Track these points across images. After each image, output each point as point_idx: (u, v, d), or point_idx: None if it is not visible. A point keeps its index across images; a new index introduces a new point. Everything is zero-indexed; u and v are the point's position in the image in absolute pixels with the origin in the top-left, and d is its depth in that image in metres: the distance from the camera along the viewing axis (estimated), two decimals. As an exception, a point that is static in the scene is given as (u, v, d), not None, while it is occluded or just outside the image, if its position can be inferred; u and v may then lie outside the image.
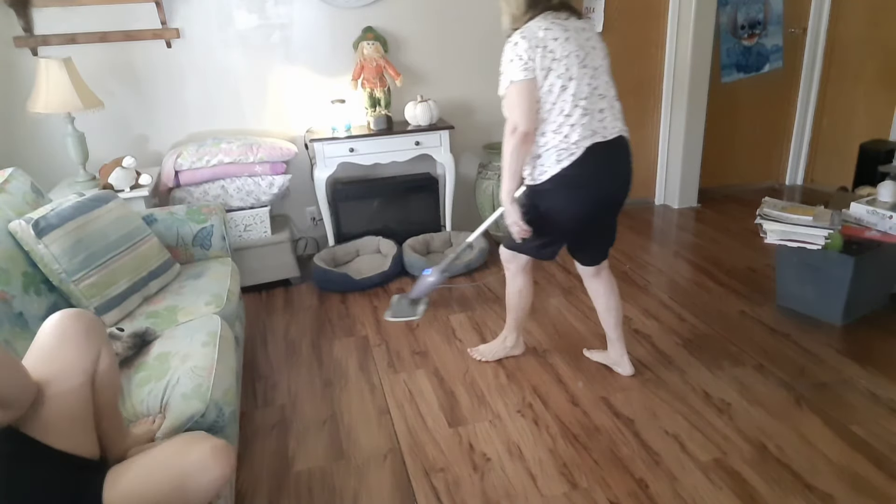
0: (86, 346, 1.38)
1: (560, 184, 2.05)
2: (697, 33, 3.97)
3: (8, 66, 3.10)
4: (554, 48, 1.96)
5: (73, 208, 2.15)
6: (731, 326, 2.79)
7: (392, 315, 2.78)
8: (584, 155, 2.01)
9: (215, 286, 2.35)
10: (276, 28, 3.43)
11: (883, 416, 2.15)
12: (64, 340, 1.37)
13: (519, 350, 2.62)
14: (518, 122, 1.97)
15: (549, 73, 1.97)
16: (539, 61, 1.95)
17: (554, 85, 1.98)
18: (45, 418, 1.28)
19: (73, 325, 1.39)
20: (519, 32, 1.98)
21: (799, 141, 4.70)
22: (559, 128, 2.00)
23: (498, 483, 1.94)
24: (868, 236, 2.64)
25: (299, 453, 2.13)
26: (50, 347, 1.37)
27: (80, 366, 1.36)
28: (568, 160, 2.01)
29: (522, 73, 1.95)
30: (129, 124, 3.36)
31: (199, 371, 1.76)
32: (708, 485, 1.88)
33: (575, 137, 2.00)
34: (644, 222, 4.20)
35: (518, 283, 2.46)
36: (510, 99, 1.99)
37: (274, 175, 3.22)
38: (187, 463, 1.30)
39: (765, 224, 2.74)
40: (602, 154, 2.05)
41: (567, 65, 1.97)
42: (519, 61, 1.95)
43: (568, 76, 1.98)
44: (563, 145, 2.01)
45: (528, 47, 1.94)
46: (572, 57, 1.98)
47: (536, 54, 1.95)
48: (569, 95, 1.98)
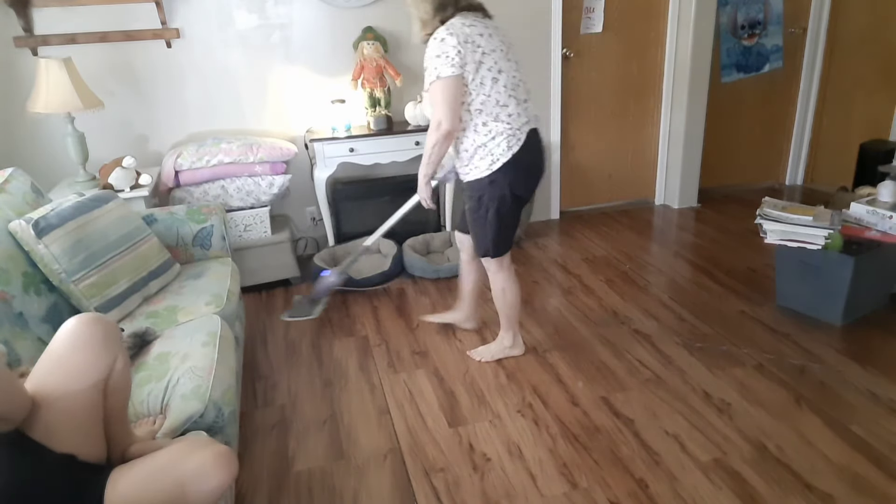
0: (102, 352, 1.37)
1: (513, 168, 2.17)
2: (697, 33, 3.97)
3: (8, 66, 3.11)
4: (481, 43, 2.07)
5: (73, 208, 2.15)
6: (731, 326, 2.79)
7: (289, 315, 2.87)
8: (527, 139, 2.18)
9: (215, 286, 2.35)
10: (276, 28, 3.43)
11: (883, 416, 2.15)
12: (80, 346, 1.36)
13: (518, 350, 2.61)
14: (442, 118, 2.06)
15: (481, 67, 2.07)
16: (469, 56, 2.04)
17: (485, 77, 2.08)
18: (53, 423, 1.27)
19: (91, 331, 1.38)
20: (445, 29, 2.05)
21: (799, 141, 4.71)
22: (497, 116, 2.13)
23: (498, 483, 1.94)
24: (868, 236, 2.64)
25: (299, 453, 2.13)
26: (65, 352, 1.36)
27: (94, 372, 1.35)
28: (517, 145, 2.16)
29: (450, 69, 2.02)
30: (129, 124, 3.36)
31: (198, 371, 1.76)
32: (708, 485, 1.88)
33: (517, 124, 2.16)
34: (644, 222, 4.20)
35: (500, 282, 2.44)
36: (436, 95, 2.06)
37: (274, 175, 3.22)
38: (188, 469, 1.29)
39: (765, 224, 2.74)
40: (534, 139, 2.24)
41: (495, 58, 2.10)
42: (447, 57, 2.02)
43: (498, 69, 2.10)
44: (509, 132, 2.14)
45: (457, 43, 2.02)
46: (499, 51, 2.11)
47: (467, 49, 2.03)
48: (501, 87, 2.11)
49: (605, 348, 2.66)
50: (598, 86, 4.16)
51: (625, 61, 4.16)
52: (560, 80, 3.98)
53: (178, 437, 1.58)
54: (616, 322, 2.88)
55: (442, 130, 2.08)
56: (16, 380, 1.27)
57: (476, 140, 2.16)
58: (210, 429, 1.66)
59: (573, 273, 3.43)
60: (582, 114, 4.17)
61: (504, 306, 2.49)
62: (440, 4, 2.10)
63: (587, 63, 4.08)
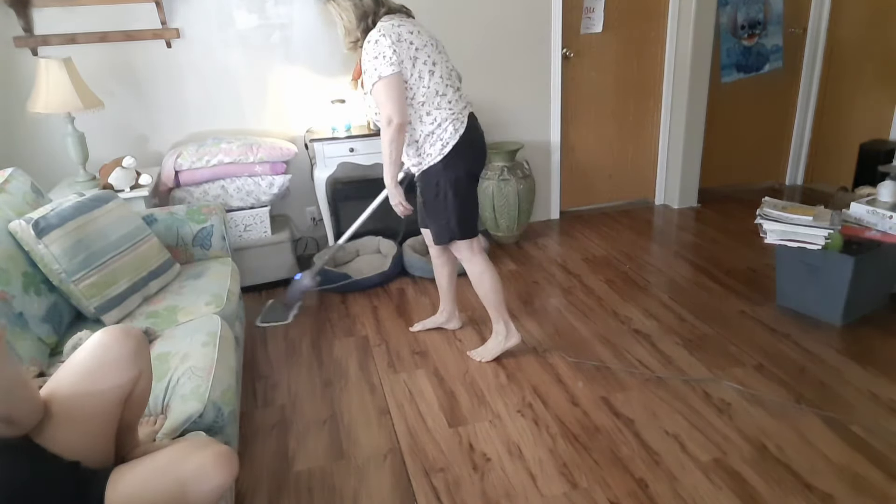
0: (130, 368, 1.37)
1: (464, 148, 2.28)
2: (697, 33, 3.97)
3: (8, 66, 3.11)
4: (413, 40, 2.18)
5: (73, 208, 2.15)
6: (731, 326, 2.79)
7: (262, 320, 2.89)
8: (469, 122, 2.30)
9: (215, 286, 2.35)
10: (276, 28, 3.43)
11: (883, 416, 2.15)
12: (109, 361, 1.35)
13: (514, 339, 2.58)
14: (392, 114, 2.16)
15: (416, 62, 2.18)
16: (405, 52, 2.15)
17: (422, 71, 2.20)
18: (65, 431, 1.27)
19: (121, 347, 1.37)
20: (377, 31, 2.15)
21: (799, 141, 4.71)
22: (440, 104, 2.24)
23: (498, 483, 1.94)
24: (868, 236, 2.64)
25: (299, 453, 2.13)
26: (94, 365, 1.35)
27: (119, 389, 1.34)
28: (462, 127, 2.28)
29: (390, 68, 2.12)
30: (129, 124, 3.36)
31: (197, 371, 1.76)
32: (708, 485, 1.88)
33: (457, 109, 2.28)
34: (644, 222, 4.20)
35: (475, 267, 2.47)
36: (381, 94, 2.16)
37: (274, 175, 3.22)
38: (188, 469, 1.29)
39: (765, 224, 2.74)
40: (475, 121, 2.35)
41: (428, 52, 2.21)
42: (384, 58, 2.12)
43: (432, 62, 2.22)
44: (453, 116, 2.26)
45: (391, 42, 2.13)
46: (430, 46, 2.22)
47: (401, 48, 2.14)
48: (437, 77, 2.23)
49: (605, 348, 2.66)
50: (598, 86, 4.16)
51: (625, 61, 4.16)
52: (560, 80, 3.98)
53: (179, 438, 1.58)
54: (616, 322, 2.88)
55: (394, 125, 2.16)
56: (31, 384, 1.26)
57: (423, 130, 2.27)
58: (210, 429, 1.66)
59: (573, 273, 3.43)
60: (582, 114, 4.17)
61: (486, 292, 2.49)
62: (362, 13, 2.20)
63: (587, 63, 4.08)
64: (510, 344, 2.58)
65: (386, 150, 2.24)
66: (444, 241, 2.44)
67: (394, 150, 2.23)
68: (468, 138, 2.30)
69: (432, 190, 2.35)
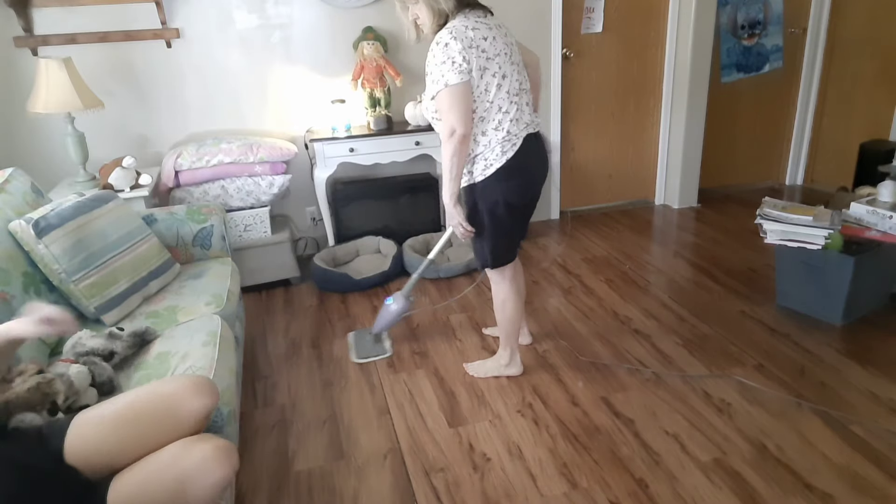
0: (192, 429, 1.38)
1: (507, 174, 2.07)
2: (697, 33, 3.97)
3: (8, 66, 3.10)
4: (486, 47, 1.96)
5: (73, 208, 2.15)
6: (731, 326, 2.79)
7: (359, 356, 2.66)
8: (522, 145, 2.07)
9: (215, 286, 2.35)
10: (276, 28, 3.43)
11: (883, 416, 2.15)
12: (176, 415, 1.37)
13: (514, 370, 2.46)
14: (456, 125, 1.95)
15: (485, 73, 1.97)
16: (475, 62, 1.94)
17: (490, 84, 1.99)
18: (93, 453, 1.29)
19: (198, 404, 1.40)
20: (448, 33, 1.93)
21: (799, 141, 4.71)
22: (500, 124, 2.03)
23: (498, 483, 1.94)
24: (868, 236, 2.64)
25: (299, 453, 2.13)
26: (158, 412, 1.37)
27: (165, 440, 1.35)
28: (512, 150, 2.05)
29: (458, 76, 1.92)
30: (129, 124, 3.36)
31: (197, 371, 1.76)
32: (708, 485, 1.88)
33: (515, 130, 2.05)
34: (644, 222, 4.20)
35: (501, 294, 2.34)
36: (445, 102, 1.96)
37: (274, 175, 3.22)
38: (188, 465, 1.29)
39: (765, 224, 2.74)
40: (532, 144, 2.11)
41: (500, 63, 1.99)
42: (452, 64, 1.92)
43: (502, 74, 2.00)
44: (506, 138, 2.04)
45: (462, 48, 1.91)
46: (503, 55, 2.01)
47: (472, 55, 1.93)
48: (504, 93, 2.02)
49: (605, 348, 2.66)
50: (598, 86, 4.16)
51: (625, 61, 4.16)
52: (560, 80, 3.98)
53: None
54: (616, 322, 2.88)
55: (457, 136, 1.96)
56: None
57: (474, 150, 2.07)
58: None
59: (573, 273, 3.43)
60: (582, 114, 4.17)
61: (504, 320, 2.38)
62: (438, 10, 1.99)
63: (587, 63, 4.08)
64: (509, 373, 2.47)
65: (447, 163, 2.01)
66: (478, 265, 2.33)
67: (455, 163, 2.00)
68: (516, 164, 2.06)
69: (470, 210, 2.16)
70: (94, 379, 1.68)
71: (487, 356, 2.60)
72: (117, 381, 1.77)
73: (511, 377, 2.47)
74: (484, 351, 2.68)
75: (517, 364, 2.47)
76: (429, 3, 1.99)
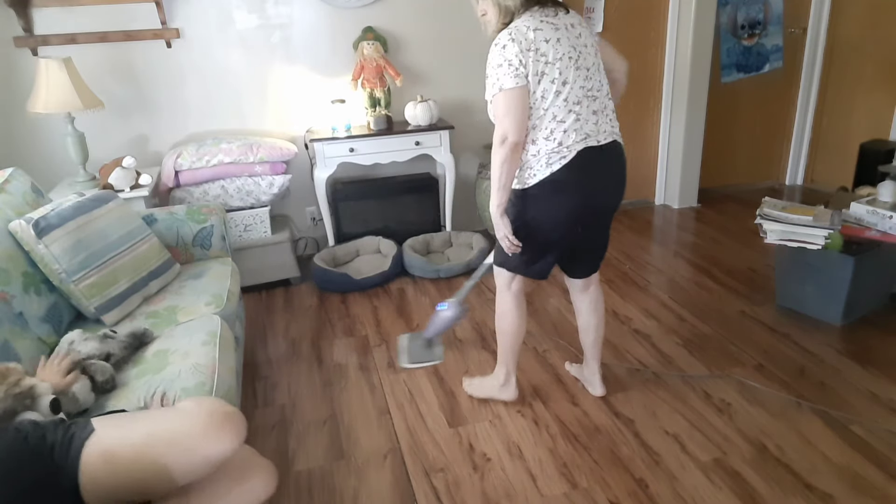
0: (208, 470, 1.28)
1: (548, 188, 1.90)
2: (697, 33, 3.97)
3: (8, 66, 3.10)
4: (546, 51, 1.80)
5: (73, 208, 2.15)
6: (731, 326, 2.79)
7: (410, 361, 2.57)
8: (575, 158, 1.88)
9: (215, 286, 2.35)
10: (276, 28, 3.43)
11: (883, 416, 2.15)
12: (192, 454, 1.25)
13: (508, 395, 2.30)
14: (508, 131, 1.82)
15: (543, 78, 1.82)
16: (532, 66, 1.79)
17: (548, 90, 1.83)
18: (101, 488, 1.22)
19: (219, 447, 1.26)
20: (507, 34, 1.81)
21: (799, 141, 4.71)
22: (551, 134, 1.87)
23: (498, 483, 1.94)
24: (868, 236, 2.64)
25: (299, 453, 2.13)
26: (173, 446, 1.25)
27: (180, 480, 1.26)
28: (559, 163, 1.88)
29: (514, 80, 1.79)
30: (129, 124, 3.36)
31: (200, 368, 1.76)
32: (708, 485, 1.88)
33: (568, 142, 1.87)
34: (644, 222, 4.20)
35: (502, 304, 2.19)
36: (500, 107, 1.83)
37: (274, 175, 3.22)
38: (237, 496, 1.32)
39: (765, 224, 2.74)
40: (593, 158, 1.91)
41: (561, 68, 1.82)
42: (509, 67, 1.79)
43: (562, 80, 1.83)
44: (555, 149, 1.87)
45: (519, 51, 1.78)
46: (566, 59, 1.83)
47: (528, 58, 1.79)
48: (562, 101, 1.85)
49: (605, 348, 2.65)
50: (598, 86, 4.15)
51: (625, 61, 4.16)
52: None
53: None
54: (616, 322, 2.88)
55: (508, 143, 1.82)
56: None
57: (522, 158, 1.92)
58: None
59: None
60: (582, 114, 4.17)
61: (500, 333, 2.23)
62: (505, 9, 1.86)
63: (587, 63, 4.08)
64: (502, 397, 2.31)
65: (496, 171, 1.87)
66: (496, 260, 2.16)
67: (504, 172, 1.86)
68: (563, 179, 1.88)
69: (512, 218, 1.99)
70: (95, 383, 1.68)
71: (488, 356, 2.60)
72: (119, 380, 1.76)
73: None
74: (484, 351, 2.68)
75: (512, 388, 2.30)
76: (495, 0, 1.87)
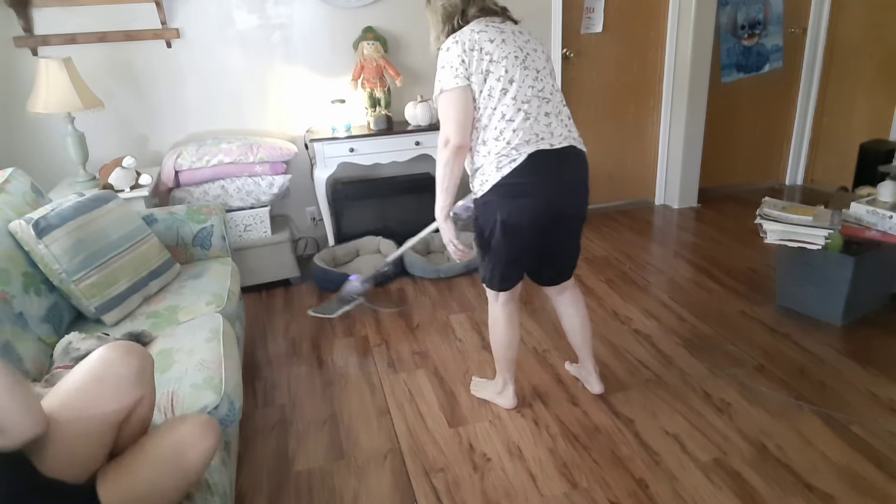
0: (129, 390, 1.31)
1: (503, 193, 1.86)
2: (697, 33, 3.97)
3: (8, 66, 3.10)
4: (491, 50, 1.82)
5: (73, 208, 2.15)
6: (731, 326, 2.79)
7: (314, 311, 3.06)
8: (525, 161, 1.83)
9: (215, 286, 2.35)
10: (275, 28, 3.43)
11: (883, 416, 2.15)
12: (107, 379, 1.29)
13: (505, 401, 2.27)
14: (450, 133, 1.83)
15: (489, 76, 1.82)
16: (475, 65, 1.81)
17: (494, 88, 1.82)
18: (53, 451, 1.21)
19: (122, 365, 1.31)
20: (452, 38, 1.85)
21: (799, 141, 4.71)
22: (501, 134, 1.84)
23: (498, 483, 1.94)
24: (868, 236, 2.64)
25: (299, 453, 2.13)
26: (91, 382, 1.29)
27: (113, 411, 1.29)
28: (508, 167, 1.84)
29: (454, 81, 1.81)
30: (129, 124, 3.36)
31: (207, 364, 1.76)
32: (708, 485, 1.88)
33: (516, 142, 1.83)
34: (644, 222, 4.20)
35: (491, 315, 2.16)
36: (441, 108, 1.85)
37: (274, 175, 3.22)
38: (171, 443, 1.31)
39: (765, 224, 2.74)
40: (546, 162, 1.86)
41: (507, 66, 1.82)
42: (451, 68, 1.81)
43: (508, 78, 1.83)
44: (504, 151, 1.84)
45: (462, 51, 1.81)
46: (511, 58, 1.83)
47: (472, 58, 1.81)
48: (510, 98, 1.83)
49: (605, 348, 2.66)
50: (598, 86, 4.16)
51: (625, 61, 4.16)
52: (560, 81, 3.98)
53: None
54: (616, 322, 2.88)
55: (451, 146, 1.83)
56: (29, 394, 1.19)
57: (476, 161, 1.92)
58: (221, 423, 1.66)
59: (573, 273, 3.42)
60: (582, 114, 4.17)
61: (493, 343, 2.21)
62: (448, 14, 1.90)
63: (587, 63, 4.08)
64: (500, 403, 2.30)
65: (439, 174, 1.89)
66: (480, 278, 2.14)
67: (447, 175, 1.86)
68: (516, 183, 1.84)
69: (475, 223, 2.01)
70: None
71: (488, 356, 2.60)
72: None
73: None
74: (484, 351, 2.68)
75: (509, 396, 2.27)
76: (434, 7, 1.93)
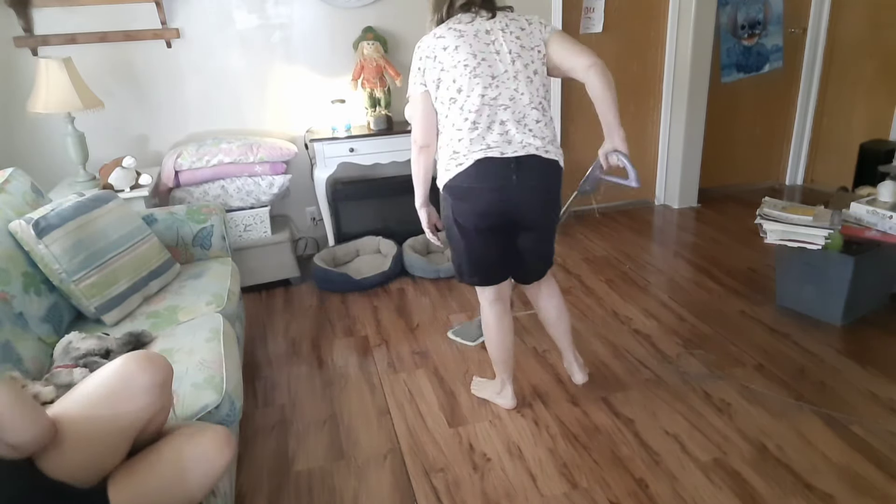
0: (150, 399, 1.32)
1: (453, 194, 1.94)
2: (697, 33, 3.97)
3: (8, 66, 3.10)
4: (443, 58, 1.85)
5: (73, 208, 2.15)
6: (731, 326, 2.79)
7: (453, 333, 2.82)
8: (471, 168, 1.86)
9: (215, 286, 2.35)
10: (276, 28, 3.43)
11: (883, 416, 2.15)
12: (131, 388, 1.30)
13: (504, 401, 2.28)
14: (415, 134, 1.96)
15: (440, 85, 1.87)
16: (429, 73, 1.88)
17: (443, 97, 1.88)
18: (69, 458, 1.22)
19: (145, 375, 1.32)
20: (422, 39, 1.91)
21: (799, 141, 4.70)
22: (450, 140, 1.91)
23: (498, 483, 1.94)
24: (868, 236, 2.64)
25: (299, 453, 2.13)
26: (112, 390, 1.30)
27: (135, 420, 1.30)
28: (455, 170, 1.88)
29: (416, 87, 1.91)
30: (129, 124, 3.36)
31: (208, 364, 1.76)
32: (708, 485, 1.88)
33: (462, 149, 1.87)
34: (644, 222, 4.20)
35: (483, 316, 2.18)
36: (409, 109, 1.97)
37: (274, 175, 3.22)
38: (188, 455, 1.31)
39: (765, 224, 2.74)
40: (496, 169, 1.86)
41: (455, 76, 1.84)
42: (414, 72, 1.92)
43: (456, 88, 1.85)
44: (452, 156, 1.90)
45: (420, 58, 1.89)
46: (461, 67, 1.84)
47: (427, 65, 1.88)
48: (458, 108, 1.86)
49: (605, 348, 2.66)
50: (598, 86, 4.15)
51: (625, 61, 4.16)
52: (560, 81, 3.98)
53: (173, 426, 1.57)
54: (616, 322, 2.88)
55: (416, 146, 1.97)
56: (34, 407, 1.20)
57: (438, 157, 2.01)
58: (221, 422, 1.66)
59: (573, 273, 3.43)
60: (582, 114, 4.17)
61: (486, 342, 2.23)
62: (437, 4, 1.94)
63: (587, 63, 4.08)
64: (500, 403, 2.30)
65: (412, 167, 2.04)
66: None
67: (414, 170, 2.02)
68: (461, 187, 1.90)
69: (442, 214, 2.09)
70: None
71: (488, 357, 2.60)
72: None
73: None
74: (483, 351, 2.68)
75: (508, 396, 2.27)
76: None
